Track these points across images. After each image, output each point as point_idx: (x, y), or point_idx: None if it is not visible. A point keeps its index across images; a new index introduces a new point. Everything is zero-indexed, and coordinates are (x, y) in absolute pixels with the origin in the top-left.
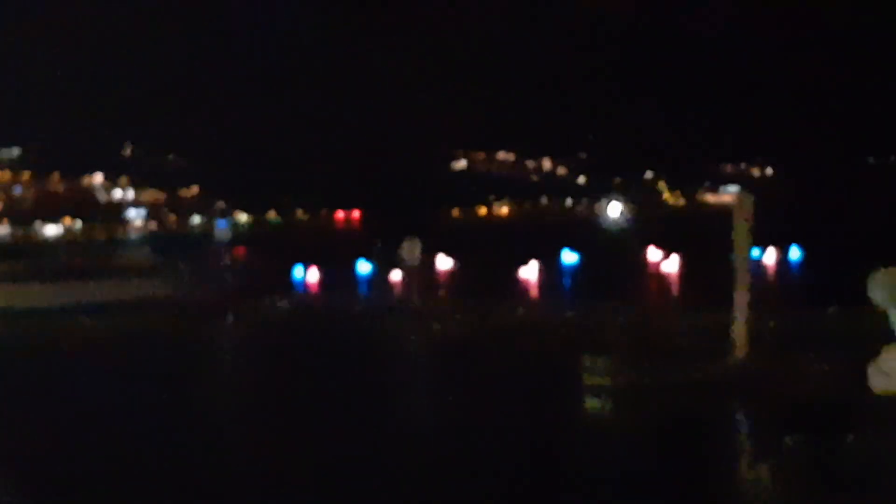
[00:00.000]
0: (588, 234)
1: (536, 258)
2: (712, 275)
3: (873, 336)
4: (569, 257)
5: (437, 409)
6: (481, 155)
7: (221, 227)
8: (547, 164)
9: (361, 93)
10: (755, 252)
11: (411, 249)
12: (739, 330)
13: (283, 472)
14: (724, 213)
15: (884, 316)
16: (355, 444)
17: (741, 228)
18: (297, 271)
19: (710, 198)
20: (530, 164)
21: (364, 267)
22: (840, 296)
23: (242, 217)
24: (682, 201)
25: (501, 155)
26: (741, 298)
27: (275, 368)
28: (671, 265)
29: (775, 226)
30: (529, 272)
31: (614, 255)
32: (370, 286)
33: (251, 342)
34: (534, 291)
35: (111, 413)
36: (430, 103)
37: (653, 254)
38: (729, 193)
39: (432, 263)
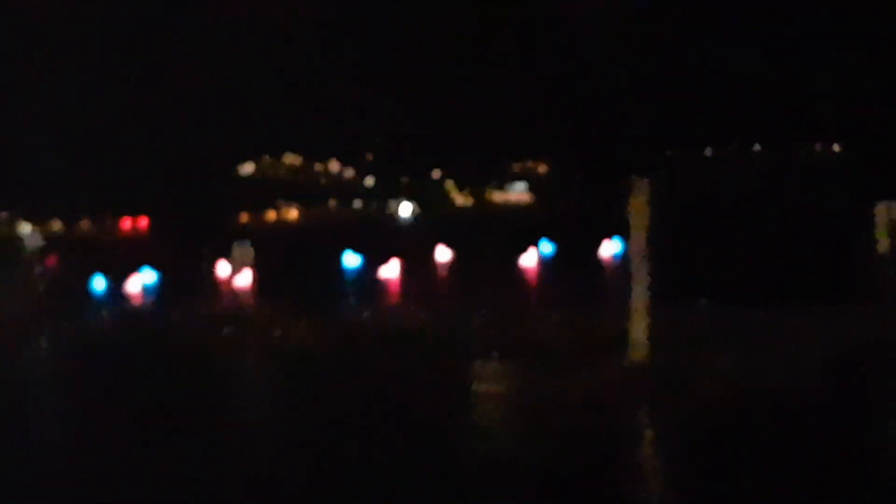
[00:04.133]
0: (387, 235)
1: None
2: (543, 274)
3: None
4: (353, 260)
5: (330, 419)
6: (267, 159)
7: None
8: (334, 166)
9: (146, 97)
10: (549, 249)
11: (242, 255)
12: (638, 327)
13: None
14: (513, 211)
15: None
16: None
17: (638, 218)
18: (99, 282)
19: (498, 196)
20: (318, 166)
21: (152, 276)
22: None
23: (27, 227)
24: (470, 200)
25: (289, 158)
26: (639, 293)
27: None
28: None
29: (566, 223)
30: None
31: (422, 257)
32: (197, 294)
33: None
34: (367, 296)
35: None
36: (215, 108)
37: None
38: (517, 191)
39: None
